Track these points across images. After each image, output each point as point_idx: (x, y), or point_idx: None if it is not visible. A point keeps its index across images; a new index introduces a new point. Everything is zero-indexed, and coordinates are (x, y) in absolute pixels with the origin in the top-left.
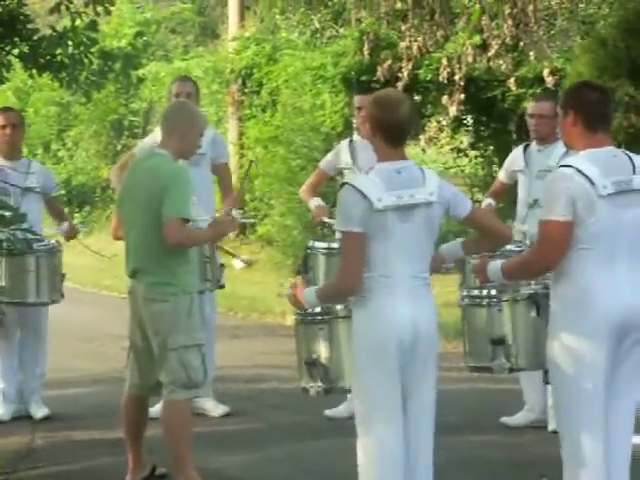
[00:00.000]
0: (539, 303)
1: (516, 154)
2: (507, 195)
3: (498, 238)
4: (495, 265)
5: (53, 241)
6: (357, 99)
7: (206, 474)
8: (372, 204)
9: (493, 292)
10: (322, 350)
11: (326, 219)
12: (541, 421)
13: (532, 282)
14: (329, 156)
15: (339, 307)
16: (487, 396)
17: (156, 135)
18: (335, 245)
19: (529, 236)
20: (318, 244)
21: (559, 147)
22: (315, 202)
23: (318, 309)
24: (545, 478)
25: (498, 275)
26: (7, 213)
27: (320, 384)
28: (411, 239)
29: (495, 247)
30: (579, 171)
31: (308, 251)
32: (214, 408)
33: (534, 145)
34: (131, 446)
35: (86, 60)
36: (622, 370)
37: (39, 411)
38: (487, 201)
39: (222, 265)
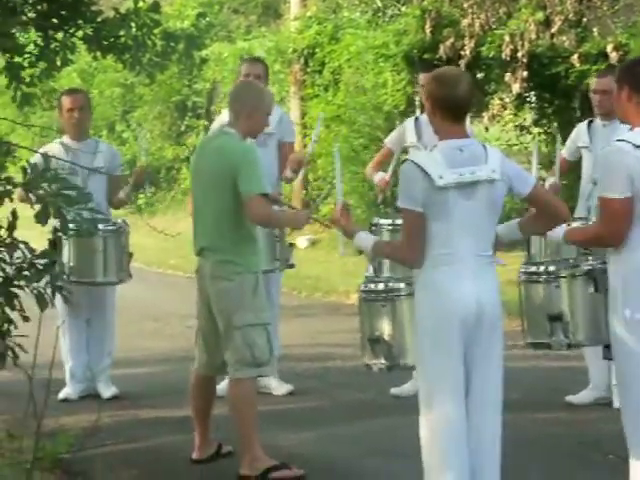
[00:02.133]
0: (597, 279)
1: (580, 130)
2: (572, 172)
3: (556, 217)
4: (559, 230)
5: (120, 220)
6: (422, 77)
7: (272, 452)
8: (433, 181)
9: (551, 268)
10: (385, 327)
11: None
12: (606, 399)
13: (590, 258)
14: (395, 133)
15: (402, 285)
16: (552, 374)
17: (223, 117)
18: (399, 222)
19: (593, 212)
20: (383, 221)
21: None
22: (379, 175)
23: (381, 287)
24: (612, 455)
25: (559, 235)
26: (73, 193)
27: (383, 361)
28: (473, 217)
29: (551, 226)
30: (635, 146)
31: (373, 228)
32: (278, 387)
33: (598, 121)
34: (198, 424)
35: (149, 41)
36: None
37: (107, 390)
38: (551, 180)
39: (291, 244)
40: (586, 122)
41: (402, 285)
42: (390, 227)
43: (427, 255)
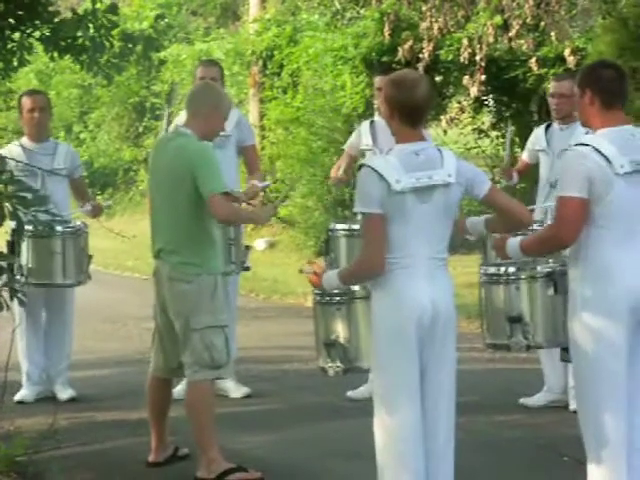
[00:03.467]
0: (557, 281)
1: (538, 133)
2: (529, 175)
3: (516, 220)
4: (514, 241)
5: (79, 222)
6: (378, 80)
7: (229, 455)
8: (390, 186)
9: (511, 270)
10: (340, 330)
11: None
12: (560, 401)
13: (550, 260)
14: (352, 137)
15: (357, 288)
16: (508, 376)
17: (181, 118)
18: (356, 227)
19: (550, 214)
20: (339, 226)
21: (580, 126)
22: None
23: (336, 290)
24: (566, 458)
25: (517, 251)
26: (29, 195)
27: (339, 364)
28: (430, 220)
29: (514, 229)
30: (596, 149)
31: (329, 233)
32: (235, 389)
33: (556, 125)
34: (154, 427)
35: (107, 43)
36: None
37: (64, 393)
38: (515, 180)
39: (247, 247)
40: (544, 126)
41: (357, 288)
42: (347, 232)
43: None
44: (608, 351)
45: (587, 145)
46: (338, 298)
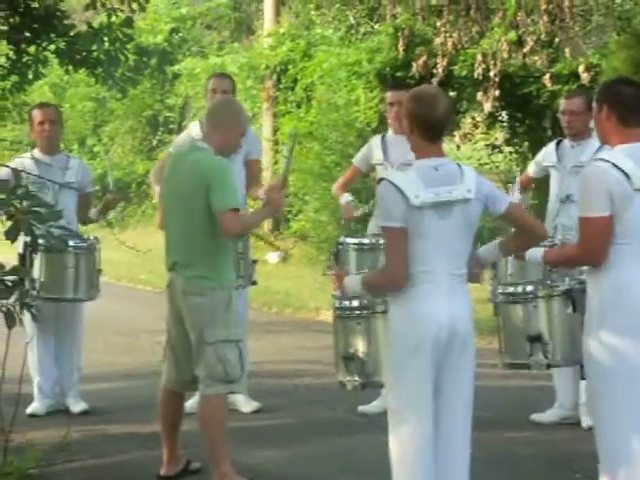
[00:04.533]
0: (575, 299)
1: (549, 149)
2: (541, 191)
3: (533, 235)
4: (537, 251)
5: (92, 237)
6: (389, 95)
7: (241, 469)
8: (409, 201)
9: (529, 288)
10: (360, 345)
11: (356, 216)
12: (571, 418)
13: (567, 278)
14: (361, 152)
15: (377, 302)
16: (520, 393)
17: (191, 130)
18: (366, 241)
19: (560, 231)
20: (349, 240)
21: (592, 143)
22: (345, 198)
23: (356, 303)
24: (578, 475)
25: (538, 260)
26: (43, 210)
27: (357, 378)
28: (449, 236)
29: (530, 245)
30: (615, 165)
31: (339, 247)
32: (245, 403)
33: (567, 141)
34: (166, 440)
35: (122, 56)
36: None
37: (77, 406)
38: (517, 197)
39: (254, 262)
40: (555, 142)
41: (377, 302)
42: (356, 246)
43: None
44: (624, 367)
45: (606, 161)
46: (358, 312)
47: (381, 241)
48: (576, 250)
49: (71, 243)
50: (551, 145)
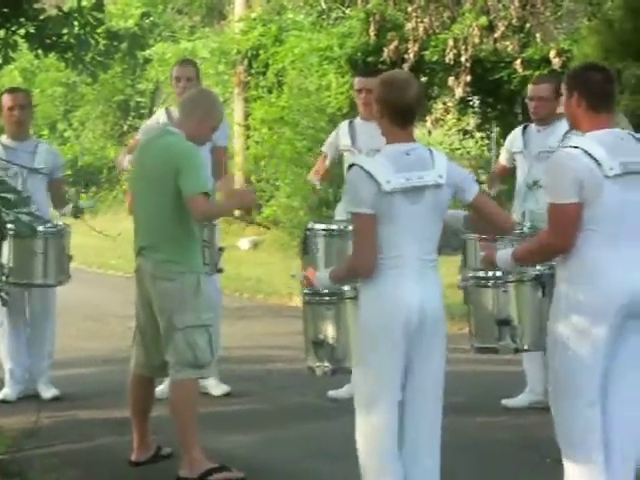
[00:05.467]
0: (545, 284)
1: (515, 135)
2: (510, 177)
3: (500, 228)
4: (505, 253)
5: (61, 222)
6: (357, 81)
7: (212, 454)
8: (380, 186)
9: (499, 273)
10: (329, 330)
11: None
12: (542, 402)
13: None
14: (330, 138)
15: (347, 288)
16: (492, 378)
17: (159, 117)
18: (334, 227)
19: (528, 217)
20: (317, 225)
21: (559, 128)
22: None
23: (326, 290)
24: (549, 459)
25: (509, 262)
26: (11, 196)
27: (327, 364)
28: (419, 221)
29: (494, 234)
30: (585, 152)
31: (307, 233)
32: (215, 387)
33: (533, 126)
34: (137, 426)
35: (92, 40)
36: (625, 350)
37: (48, 392)
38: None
39: (221, 249)
40: (521, 127)
41: (347, 288)
42: (325, 232)
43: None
44: (587, 351)
45: (577, 148)
46: (328, 298)
47: (350, 227)
48: (545, 237)
49: (40, 228)
50: (517, 131)
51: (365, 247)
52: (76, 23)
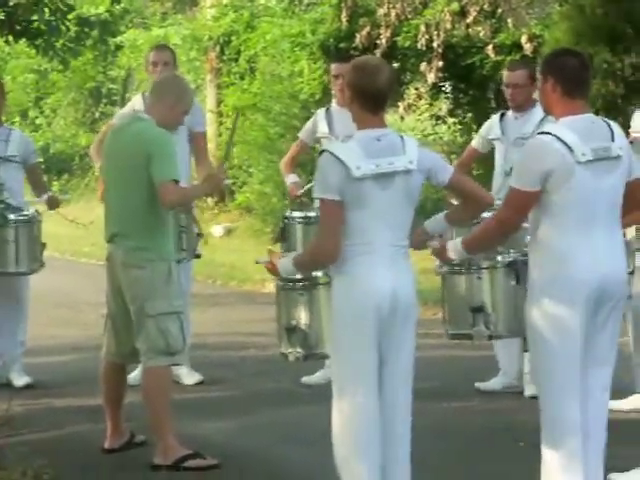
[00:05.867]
0: (518, 271)
1: (492, 122)
2: (487, 162)
3: (480, 203)
4: (455, 243)
5: (32, 210)
6: (334, 67)
7: (185, 441)
8: (350, 172)
9: (473, 260)
10: (302, 316)
11: (301, 194)
12: (515, 387)
13: (511, 250)
14: (307, 125)
15: (320, 274)
16: (465, 362)
17: (135, 103)
18: (312, 214)
19: None
20: (295, 213)
21: (536, 114)
22: (291, 179)
23: (299, 275)
24: (522, 443)
25: (460, 251)
26: None
27: (299, 350)
28: (390, 207)
29: (477, 213)
30: (558, 138)
31: (285, 221)
32: (188, 375)
33: (510, 113)
34: (110, 413)
35: (63, 27)
36: (600, 336)
37: (20, 379)
38: None
39: (199, 235)
40: (498, 114)
41: (320, 274)
42: (303, 220)
43: (343, 245)
44: (564, 336)
45: (550, 134)
46: (301, 284)
47: None
48: (494, 218)
49: (11, 217)
50: (495, 118)
51: (328, 234)
52: (46, 9)
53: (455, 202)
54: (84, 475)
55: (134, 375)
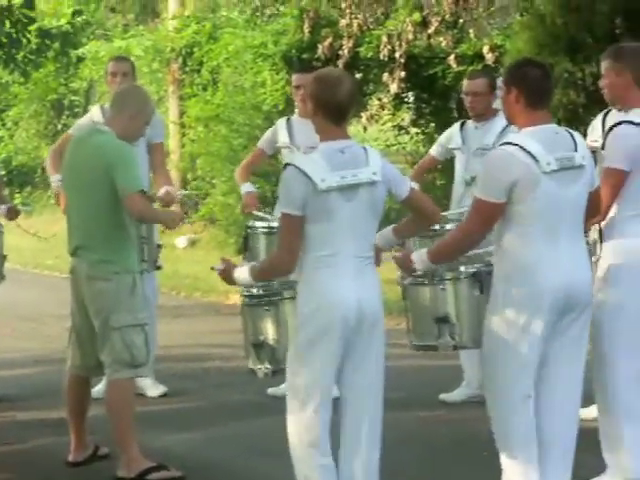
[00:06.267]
0: (482, 281)
1: (453, 131)
2: (449, 173)
3: (430, 220)
4: (420, 253)
5: None
6: (295, 78)
7: (150, 453)
8: (316, 185)
9: (437, 271)
10: (269, 331)
11: (255, 212)
12: (478, 396)
13: (475, 262)
14: (267, 134)
15: (285, 288)
16: (430, 372)
17: (93, 115)
18: (275, 224)
19: (466, 213)
20: (258, 223)
21: (497, 124)
22: (245, 188)
23: (255, 289)
24: (486, 453)
25: (425, 262)
26: None
27: (268, 365)
28: (355, 218)
29: (423, 229)
30: (522, 148)
31: (248, 231)
32: (152, 387)
33: (471, 122)
34: (74, 426)
35: (24, 39)
36: (563, 338)
37: None
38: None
39: (159, 246)
40: (459, 124)
41: (285, 288)
42: (266, 230)
43: (308, 257)
44: (522, 347)
45: (514, 144)
46: (267, 299)
47: None
48: (460, 230)
49: None
50: (455, 127)
51: (288, 248)
52: (7, 21)
53: None
54: None
55: (97, 389)
